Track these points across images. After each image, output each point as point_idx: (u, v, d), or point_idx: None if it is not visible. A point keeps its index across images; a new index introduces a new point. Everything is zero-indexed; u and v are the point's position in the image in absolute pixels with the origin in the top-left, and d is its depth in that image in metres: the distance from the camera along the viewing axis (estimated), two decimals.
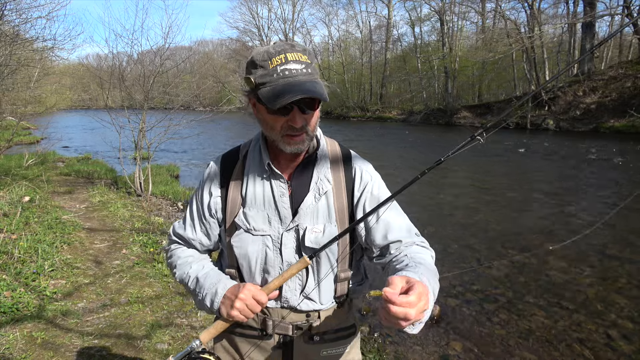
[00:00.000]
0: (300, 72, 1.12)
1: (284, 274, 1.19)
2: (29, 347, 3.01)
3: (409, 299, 0.85)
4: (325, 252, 1.23)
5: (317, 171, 1.26)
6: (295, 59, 1.12)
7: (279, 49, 1.13)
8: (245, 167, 1.30)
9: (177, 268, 1.34)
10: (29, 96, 11.80)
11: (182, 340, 3.19)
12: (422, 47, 38.22)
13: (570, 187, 9.73)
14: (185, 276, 1.30)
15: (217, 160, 1.36)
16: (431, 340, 3.53)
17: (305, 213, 1.23)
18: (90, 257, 4.84)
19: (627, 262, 5.13)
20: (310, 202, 1.24)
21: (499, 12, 31.38)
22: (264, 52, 1.14)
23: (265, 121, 1.19)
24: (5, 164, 10.32)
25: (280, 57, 1.12)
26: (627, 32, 29.55)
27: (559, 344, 3.46)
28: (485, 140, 1.13)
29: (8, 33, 7.88)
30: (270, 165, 1.25)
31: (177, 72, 10.36)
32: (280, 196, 1.25)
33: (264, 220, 1.24)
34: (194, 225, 1.35)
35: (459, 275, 4.84)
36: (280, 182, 1.25)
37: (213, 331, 1.20)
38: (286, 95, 1.07)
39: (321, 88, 1.13)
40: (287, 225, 1.24)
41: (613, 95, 22.85)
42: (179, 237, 1.39)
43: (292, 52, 1.13)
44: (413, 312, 0.85)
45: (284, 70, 1.11)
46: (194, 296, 1.28)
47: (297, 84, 1.10)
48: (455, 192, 9.66)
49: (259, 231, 1.24)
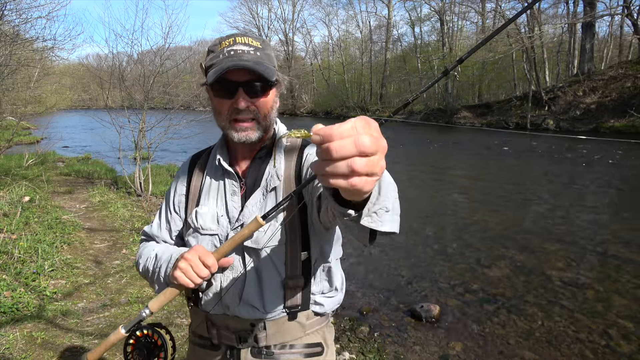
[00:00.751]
0: (246, 53, 1.09)
1: (235, 237, 1.04)
2: (29, 347, 3.01)
3: (354, 124, 0.53)
4: (267, 252, 1.14)
5: (269, 167, 1.19)
6: (244, 42, 1.11)
7: (231, 34, 1.14)
8: (205, 166, 1.28)
9: (141, 257, 1.27)
10: (29, 96, 11.80)
11: (182, 341, 3.19)
12: (422, 47, 38.22)
13: (570, 187, 9.73)
14: (147, 260, 1.23)
15: (186, 161, 1.35)
16: (431, 340, 3.53)
17: (250, 211, 1.16)
18: (90, 257, 4.83)
19: (627, 262, 5.13)
20: (258, 200, 1.17)
21: (499, 12, 31.39)
22: (218, 38, 1.15)
23: (214, 107, 1.16)
24: (5, 164, 10.32)
25: (229, 40, 1.11)
26: (627, 32, 29.56)
27: (559, 344, 3.46)
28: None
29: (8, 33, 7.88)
30: (221, 162, 1.20)
31: (177, 72, 10.35)
32: (231, 195, 1.20)
33: (212, 219, 1.19)
34: (160, 223, 1.33)
35: (459, 275, 4.84)
36: (233, 180, 1.21)
37: (162, 298, 1.10)
38: (221, 69, 1.04)
39: (265, 67, 1.07)
40: (233, 225, 1.18)
41: (613, 95, 22.84)
42: (146, 235, 1.37)
43: (243, 37, 1.12)
44: (367, 141, 0.52)
45: (229, 51, 1.09)
46: (153, 277, 1.19)
47: (236, 60, 1.07)
48: (455, 192, 9.65)
49: (206, 230, 1.19)
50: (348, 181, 0.53)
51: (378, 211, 0.74)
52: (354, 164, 0.52)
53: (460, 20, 36.77)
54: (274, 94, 1.16)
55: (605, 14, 27.17)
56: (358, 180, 0.53)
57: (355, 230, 0.80)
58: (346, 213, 0.73)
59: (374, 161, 0.53)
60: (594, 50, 27.21)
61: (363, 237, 0.81)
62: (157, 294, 1.13)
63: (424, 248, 5.62)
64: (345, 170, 0.53)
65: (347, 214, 0.73)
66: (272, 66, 1.12)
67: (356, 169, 0.52)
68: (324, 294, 1.24)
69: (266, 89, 1.12)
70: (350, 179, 0.53)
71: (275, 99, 1.18)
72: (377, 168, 0.54)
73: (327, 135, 0.53)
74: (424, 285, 4.56)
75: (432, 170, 12.37)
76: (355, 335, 3.59)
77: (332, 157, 0.52)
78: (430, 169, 12.75)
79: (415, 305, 3.99)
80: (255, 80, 1.08)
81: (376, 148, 0.53)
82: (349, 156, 0.52)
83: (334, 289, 1.27)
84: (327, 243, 1.22)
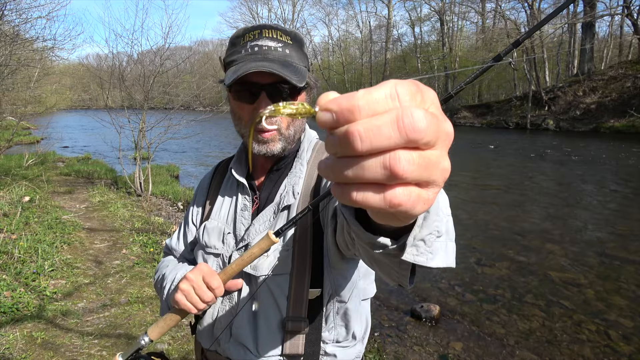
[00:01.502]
0: (273, 50, 0.92)
1: (244, 257, 0.88)
2: (29, 347, 3.01)
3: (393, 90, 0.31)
4: (266, 285, 0.94)
5: (286, 181, 1.02)
6: (271, 36, 0.93)
7: (257, 25, 0.96)
8: (224, 175, 1.15)
9: (156, 274, 1.16)
10: (29, 96, 11.80)
11: (182, 341, 3.19)
12: (422, 47, 38.26)
13: (570, 187, 9.74)
14: (159, 279, 1.10)
15: (212, 168, 1.23)
16: (431, 340, 3.53)
17: (257, 230, 0.99)
18: (90, 257, 4.83)
19: (627, 262, 5.13)
20: (268, 218, 1.00)
21: (499, 12, 31.40)
22: (242, 28, 0.98)
23: (233, 112, 0.99)
24: (5, 164, 10.32)
25: (255, 33, 0.94)
26: (627, 32, 29.56)
27: (559, 344, 3.45)
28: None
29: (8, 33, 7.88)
30: (232, 172, 1.06)
31: (177, 72, 10.36)
32: (241, 210, 1.04)
33: (218, 237, 1.04)
34: (179, 235, 1.21)
35: (459, 275, 4.84)
36: (245, 194, 1.05)
37: (162, 324, 0.98)
38: (241, 69, 0.88)
39: (293, 70, 0.90)
40: (238, 244, 1.02)
41: (613, 95, 22.85)
42: (167, 249, 1.25)
43: (271, 30, 0.94)
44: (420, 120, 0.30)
45: (253, 47, 0.92)
46: (160, 298, 1.08)
47: (260, 59, 0.90)
48: (455, 191, 9.65)
49: (210, 248, 1.05)
50: (384, 195, 0.31)
51: (427, 237, 0.51)
52: (396, 163, 0.29)
53: (460, 20, 36.83)
54: (303, 99, 0.97)
55: (605, 14, 27.20)
56: (403, 194, 0.30)
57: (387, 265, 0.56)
58: (378, 243, 0.50)
59: (431, 158, 0.30)
60: (594, 50, 27.23)
61: (401, 276, 0.58)
62: (157, 321, 1.00)
63: None
64: (379, 174, 0.30)
65: (379, 244, 0.50)
66: (302, 66, 0.95)
67: (400, 172, 0.29)
68: (338, 343, 1.00)
69: (294, 94, 0.94)
70: (389, 192, 0.30)
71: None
72: (436, 171, 0.31)
73: (346, 109, 0.30)
74: (424, 285, 4.56)
75: None
76: None
77: (356, 149, 0.29)
78: None
79: (415, 305, 3.99)
80: (282, 82, 0.91)
81: (436, 134, 0.30)
82: (388, 148, 0.29)
83: (351, 337, 1.01)
84: (345, 278, 0.97)
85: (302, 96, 0.98)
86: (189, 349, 3.08)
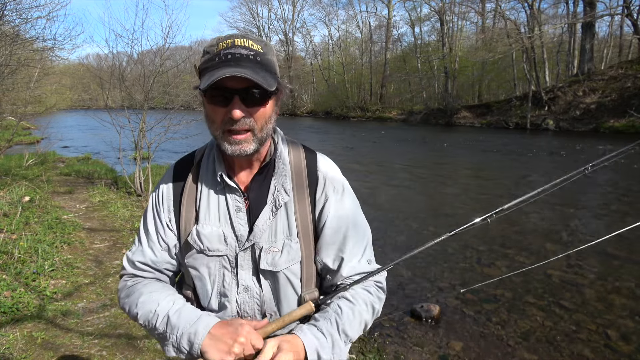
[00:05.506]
0: (245, 57, 0.99)
1: (284, 318, 1.06)
2: (29, 347, 3.01)
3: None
4: (284, 274, 1.11)
5: (274, 181, 1.11)
6: (243, 45, 1.00)
7: (229, 35, 1.03)
8: (198, 178, 1.15)
9: (138, 307, 1.09)
10: (29, 96, 11.80)
11: None
12: (422, 47, 38.23)
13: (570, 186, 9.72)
14: (152, 316, 1.06)
15: (169, 170, 1.20)
16: (431, 340, 3.53)
17: (261, 230, 1.09)
18: (91, 257, 4.83)
19: (627, 262, 5.13)
20: (267, 217, 1.10)
21: (499, 12, 31.40)
22: (215, 38, 1.05)
23: (207, 115, 1.05)
24: (5, 164, 10.32)
25: (227, 42, 1.01)
26: (627, 32, 29.57)
27: (559, 344, 3.46)
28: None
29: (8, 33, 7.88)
30: (223, 177, 1.10)
31: (177, 72, 10.35)
32: (235, 211, 1.11)
33: (219, 239, 1.10)
34: (152, 245, 1.16)
35: (459, 275, 4.84)
36: (236, 196, 1.11)
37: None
38: (215, 75, 0.95)
39: (264, 76, 0.98)
40: (242, 244, 1.10)
41: (613, 95, 22.85)
42: (139, 265, 1.17)
43: (243, 39, 1.02)
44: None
45: (226, 54, 0.99)
46: (162, 339, 1.06)
47: (233, 65, 0.97)
48: (455, 191, 9.66)
49: (214, 251, 1.10)
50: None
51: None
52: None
53: (460, 20, 36.81)
54: (273, 103, 1.06)
55: (605, 14, 27.19)
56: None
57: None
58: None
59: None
60: (594, 50, 27.22)
61: None
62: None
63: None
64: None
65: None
66: (273, 73, 1.03)
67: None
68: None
69: (265, 98, 1.02)
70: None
71: (275, 108, 1.08)
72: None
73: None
74: (424, 285, 4.56)
75: (432, 170, 12.37)
76: None
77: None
78: (429, 168, 12.75)
79: (415, 305, 3.99)
80: (253, 88, 0.99)
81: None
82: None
83: None
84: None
85: (272, 100, 1.06)
86: None
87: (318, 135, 24.53)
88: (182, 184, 1.16)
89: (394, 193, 9.19)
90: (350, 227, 1.14)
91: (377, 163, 13.33)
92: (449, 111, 31.30)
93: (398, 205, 7.88)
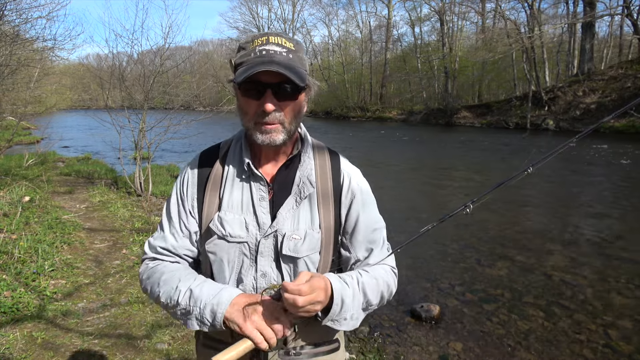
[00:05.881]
0: (278, 54, 1.06)
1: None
2: (29, 347, 3.01)
3: (300, 287, 0.95)
4: (304, 261, 1.16)
5: (300, 173, 1.18)
6: (277, 42, 1.07)
7: (264, 32, 1.10)
8: (224, 167, 1.20)
9: (160, 285, 1.13)
10: (29, 96, 11.80)
11: (182, 341, 3.19)
12: (422, 47, 38.23)
13: (570, 186, 9.73)
14: (174, 292, 1.10)
15: (194, 159, 1.26)
16: (431, 340, 3.53)
17: (284, 218, 1.14)
18: (91, 257, 4.83)
19: (627, 262, 5.13)
20: (291, 206, 1.15)
21: (499, 12, 31.41)
22: (250, 35, 1.12)
23: (240, 107, 1.12)
24: (5, 164, 10.33)
25: (262, 39, 1.08)
26: (627, 32, 29.57)
27: (559, 344, 3.46)
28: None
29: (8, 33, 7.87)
30: (250, 165, 1.16)
31: (177, 72, 10.35)
32: (259, 200, 1.16)
33: (240, 226, 1.14)
34: (174, 231, 1.20)
35: (459, 275, 4.84)
36: (260, 185, 1.16)
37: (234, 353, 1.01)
38: (251, 69, 1.02)
39: (296, 72, 1.05)
40: (265, 232, 1.14)
41: (613, 96, 22.86)
42: (160, 250, 1.21)
43: (277, 37, 1.09)
44: (300, 300, 0.95)
45: (261, 51, 1.06)
46: (185, 314, 1.09)
47: (267, 61, 1.04)
48: (455, 191, 9.66)
49: (235, 237, 1.14)
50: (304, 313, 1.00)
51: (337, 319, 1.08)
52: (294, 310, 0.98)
53: (460, 20, 36.82)
54: (302, 98, 1.13)
55: (605, 14, 27.20)
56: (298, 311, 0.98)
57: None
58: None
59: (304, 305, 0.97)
60: (594, 50, 27.23)
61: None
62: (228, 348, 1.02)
63: (424, 248, 5.62)
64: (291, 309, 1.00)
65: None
66: (303, 70, 1.09)
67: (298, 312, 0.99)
68: None
69: (295, 93, 1.09)
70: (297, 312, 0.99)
71: (303, 103, 1.15)
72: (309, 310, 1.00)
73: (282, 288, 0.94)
74: (424, 285, 4.56)
75: (432, 169, 12.37)
76: (355, 335, 3.59)
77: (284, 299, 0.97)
78: (430, 167, 12.75)
79: (415, 305, 3.99)
80: (285, 83, 1.05)
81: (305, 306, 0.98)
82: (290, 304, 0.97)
83: None
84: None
85: (302, 95, 1.12)
86: (189, 349, 3.08)
87: (317, 135, 24.37)
88: (207, 173, 1.21)
89: (393, 193, 9.19)
90: (377, 221, 1.25)
91: (373, 164, 13.33)
92: (449, 111, 31.31)
93: (397, 205, 7.88)
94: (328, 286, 1.04)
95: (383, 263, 1.23)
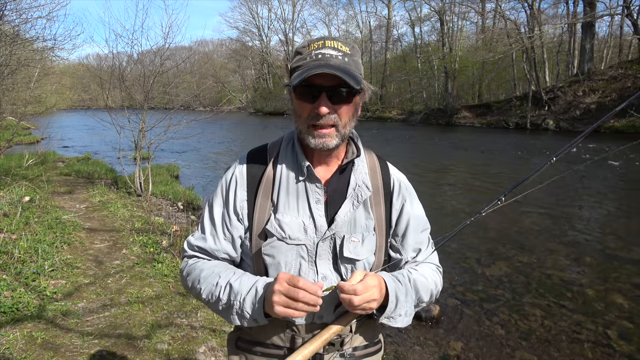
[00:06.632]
0: (334, 57, 1.06)
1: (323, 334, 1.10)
2: (29, 347, 3.01)
3: (355, 287, 0.99)
4: (363, 263, 1.17)
5: (354, 177, 1.18)
6: (333, 46, 1.08)
7: (320, 37, 1.12)
8: (276, 169, 1.19)
9: (201, 282, 1.15)
10: (29, 96, 11.80)
11: (182, 341, 3.19)
12: (422, 47, 38.24)
13: (570, 186, 9.73)
14: (214, 288, 1.12)
15: (242, 160, 1.23)
16: (431, 340, 3.53)
17: (342, 221, 1.15)
18: (90, 257, 4.83)
19: (627, 262, 5.13)
20: (348, 210, 1.16)
21: (499, 12, 31.39)
22: (306, 40, 1.14)
23: (294, 110, 1.13)
24: (5, 164, 10.32)
25: (319, 43, 1.09)
26: (627, 32, 29.57)
27: (559, 344, 3.46)
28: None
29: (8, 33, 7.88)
30: (310, 169, 1.14)
31: (177, 72, 10.35)
32: (315, 202, 1.15)
33: (299, 229, 1.14)
34: (216, 233, 1.20)
35: (459, 275, 4.84)
36: (317, 188, 1.16)
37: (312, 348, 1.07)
38: (307, 72, 1.02)
39: (352, 75, 1.04)
40: (322, 234, 1.14)
41: (613, 96, 22.86)
42: (199, 250, 1.22)
43: (333, 41, 1.10)
44: (356, 299, 0.98)
45: (317, 54, 1.07)
46: (227, 309, 1.10)
47: (323, 64, 1.04)
48: (455, 192, 9.66)
49: (294, 240, 1.13)
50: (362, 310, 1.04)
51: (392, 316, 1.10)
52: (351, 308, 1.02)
53: (460, 20, 36.81)
54: (357, 102, 1.13)
55: (605, 14, 27.21)
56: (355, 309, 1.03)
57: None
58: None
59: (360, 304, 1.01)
60: (594, 50, 27.23)
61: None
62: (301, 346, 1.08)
63: None
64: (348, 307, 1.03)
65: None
66: (358, 73, 1.09)
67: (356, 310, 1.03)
68: None
69: (350, 96, 1.08)
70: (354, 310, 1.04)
71: (358, 107, 1.15)
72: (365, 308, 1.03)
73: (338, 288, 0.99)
74: None
75: (432, 169, 12.37)
76: None
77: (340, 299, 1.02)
78: (430, 167, 12.75)
79: None
80: (340, 86, 1.05)
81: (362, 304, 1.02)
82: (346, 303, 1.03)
83: None
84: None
85: (356, 98, 1.11)
86: (189, 349, 3.08)
87: None
88: (259, 175, 1.19)
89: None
90: (425, 222, 1.30)
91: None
92: (449, 111, 31.31)
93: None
94: (382, 284, 1.07)
95: (429, 261, 1.29)
